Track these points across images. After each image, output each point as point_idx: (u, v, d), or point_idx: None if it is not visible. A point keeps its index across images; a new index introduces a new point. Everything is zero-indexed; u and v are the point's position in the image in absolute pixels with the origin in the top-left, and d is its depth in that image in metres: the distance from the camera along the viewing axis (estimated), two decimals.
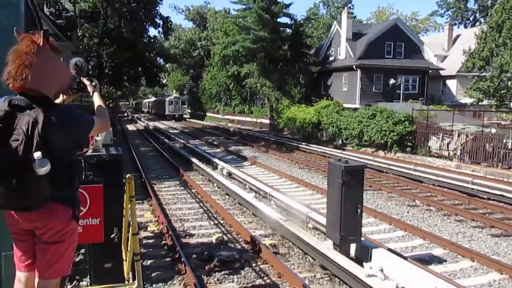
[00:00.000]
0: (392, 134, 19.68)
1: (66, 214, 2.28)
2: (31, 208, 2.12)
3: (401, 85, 30.21)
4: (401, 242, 7.92)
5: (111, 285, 3.68)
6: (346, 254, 6.30)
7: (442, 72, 35.26)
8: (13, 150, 1.98)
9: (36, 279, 2.35)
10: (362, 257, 6.46)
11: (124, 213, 4.04)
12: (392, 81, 30.78)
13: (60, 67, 2.36)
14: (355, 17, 48.04)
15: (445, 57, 38.05)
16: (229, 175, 13.80)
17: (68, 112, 2.25)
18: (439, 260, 6.98)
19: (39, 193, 2.08)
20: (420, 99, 30.56)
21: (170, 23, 37.74)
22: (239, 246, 7.34)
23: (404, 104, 26.35)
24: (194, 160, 16.21)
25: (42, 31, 2.19)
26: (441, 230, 8.73)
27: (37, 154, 1.98)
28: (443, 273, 6.24)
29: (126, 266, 4.11)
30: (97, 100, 2.73)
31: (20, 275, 2.41)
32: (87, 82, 2.77)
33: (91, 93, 2.78)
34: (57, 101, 2.45)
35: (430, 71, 33.61)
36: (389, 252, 6.50)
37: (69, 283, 5.21)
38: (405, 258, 6.51)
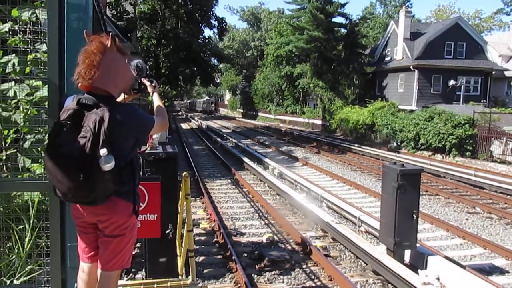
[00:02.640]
0: (451, 137, 18.88)
1: (127, 209, 2.37)
2: (96, 202, 2.22)
3: (462, 86, 28.83)
4: (459, 250, 7.57)
5: (166, 279, 3.78)
6: (400, 260, 6.12)
7: (507, 73, 33.24)
8: (81, 147, 2.08)
9: (99, 270, 2.46)
10: (417, 264, 6.25)
11: (179, 210, 4.16)
12: (452, 82, 29.45)
13: (125, 68, 2.47)
14: (413, 16, 46.36)
15: (511, 57, 35.90)
16: (280, 175, 13.80)
17: (131, 111, 2.34)
18: (501, 271, 6.61)
19: (104, 188, 2.17)
20: (482, 101, 29.00)
21: (224, 23, 38.39)
22: (289, 247, 7.33)
23: (465, 106, 25.14)
24: (246, 159, 16.35)
25: (110, 33, 2.30)
26: (504, 240, 8.27)
27: (103, 151, 2.08)
28: (506, 285, 5.90)
29: (180, 261, 4.22)
30: (156, 101, 2.82)
31: (84, 266, 2.53)
32: (147, 83, 2.86)
33: (150, 94, 2.87)
34: (118, 100, 2.56)
35: (493, 72, 31.80)
36: (446, 260, 6.24)
37: (125, 275, 5.42)
38: (463, 267, 6.22)
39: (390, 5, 62.54)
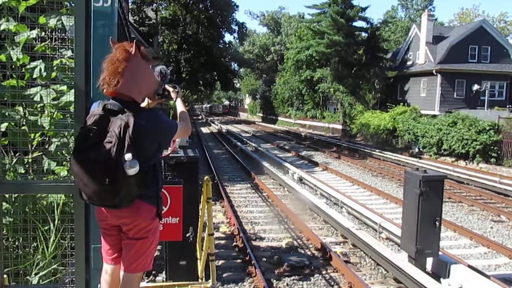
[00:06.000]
0: (474, 143, 18.50)
1: (150, 212, 2.41)
2: (121, 206, 2.26)
3: (486, 91, 28.21)
4: (483, 259, 7.41)
5: (186, 282, 3.82)
6: (422, 268, 6.01)
7: None
8: (106, 152, 2.12)
9: (122, 272, 2.50)
10: (440, 272, 6.13)
11: (200, 213, 4.19)
12: (476, 86, 28.87)
13: (149, 74, 2.51)
14: (436, 19, 45.75)
15: None
16: (300, 180, 13.75)
17: (155, 117, 2.38)
18: None
19: (128, 192, 2.20)
20: (507, 106, 28.30)
21: (245, 28, 38.61)
22: (309, 252, 7.29)
23: (489, 111, 24.59)
24: (265, 163, 16.35)
25: (134, 41, 2.34)
26: None
27: (128, 156, 2.11)
28: None
29: (200, 265, 4.25)
30: (179, 106, 2.86)
31: (107, 268, 2.58)
32: (170, 89, 2.90)
33: (174, 99, 2.91)
34: (142, 105, 2.60)
35: None
36: (470, 269, 6.11)
37: (146, 277, 5.47)
38: (487, 276, 6.08)
39: (412, 9, 61.85)
